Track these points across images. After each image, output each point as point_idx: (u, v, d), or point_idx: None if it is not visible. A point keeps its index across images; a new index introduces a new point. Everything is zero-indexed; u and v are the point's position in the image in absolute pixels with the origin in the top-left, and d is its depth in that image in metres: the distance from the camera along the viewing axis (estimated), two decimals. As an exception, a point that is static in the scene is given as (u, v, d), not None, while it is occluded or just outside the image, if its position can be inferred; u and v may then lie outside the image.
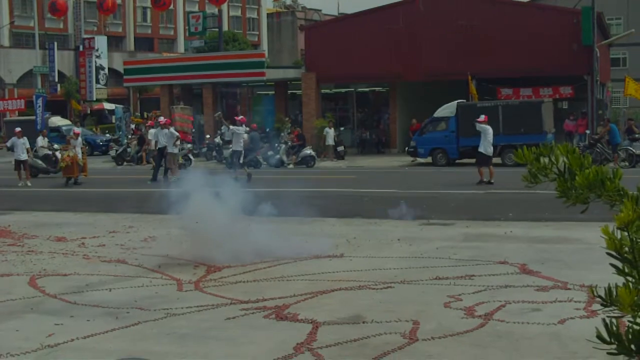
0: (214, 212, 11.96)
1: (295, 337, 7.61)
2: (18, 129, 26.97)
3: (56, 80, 60.11)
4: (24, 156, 26.33)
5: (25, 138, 26.67)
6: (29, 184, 25.96)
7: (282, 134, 36.90)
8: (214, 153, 36.53)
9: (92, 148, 43.28)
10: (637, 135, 30.53)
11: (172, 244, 13.02)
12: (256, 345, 7.44)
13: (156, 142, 27.03)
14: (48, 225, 16.07)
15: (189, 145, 32.09)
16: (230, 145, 27.84)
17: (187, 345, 7.52)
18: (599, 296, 2.40)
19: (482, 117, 24.52)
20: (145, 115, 50.84)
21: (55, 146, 32.67)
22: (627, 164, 28.38)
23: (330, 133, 36.75)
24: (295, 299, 9.22)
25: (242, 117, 28.45)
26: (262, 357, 6.99)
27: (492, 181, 22.83)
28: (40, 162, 30.48)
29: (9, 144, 27.33)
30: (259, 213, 13.66)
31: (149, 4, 65.09)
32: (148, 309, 8.91)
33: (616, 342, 2.39)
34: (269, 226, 13.00)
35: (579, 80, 36.54)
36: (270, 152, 34.21)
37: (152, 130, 30.33)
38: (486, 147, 23.62)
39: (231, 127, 26.88)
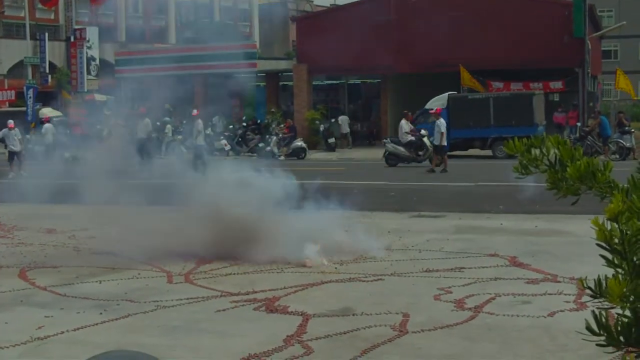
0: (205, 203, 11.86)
1: (285, 329, 7.61)
2: (10, 121, 26.95)
3: (47, 71, 59.83)
4: (17, 147, 26.28)
5: (16, 129, 26.63)
6: (24, 173, 25.85)
7: (273, 126, 36.86)
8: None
9: (84, 140, 43.12)
10: (627, 128, 30.61)
11: (163, 236, 12.96)
12: (246, 337, 7.43)
13: None
14: (38, 217, 15.98)
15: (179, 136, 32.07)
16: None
17: (178, 337, 7.51)
18: (589, 288, 2.40)
19: (435, 109, 26.11)
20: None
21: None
22: (617, 156, 28.45)
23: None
24: (286, 292, 9.21)
25: (195, 110, 28.33)
26: (252, 349, 6.98)
27: (443, 170, 24.76)
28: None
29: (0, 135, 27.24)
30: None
31: (140, -5, 64.84)
32: (138, 301, 8.90)
33: (605, 334, 2.39)
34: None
35: (570, 73, 36.59)
36: (261, 144, 34.20)
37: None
38: (438, 138, 25.51)
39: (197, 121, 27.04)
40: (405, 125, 28.67)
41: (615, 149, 29.29)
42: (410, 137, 28.09)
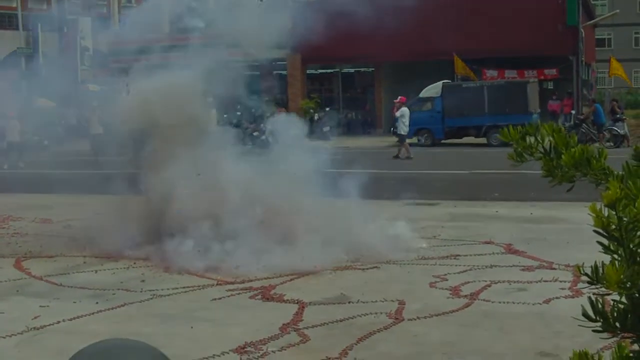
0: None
1: (281, 317, 7.63)
2: (11, 112, 26.89)
3: (41, 61, 59.60)
4: (16, 138, 26.15)
5: (15, 120, 26.52)
6: (22, 165, 25.76)
7: (267, 115, 36.77)
8: None
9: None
10: (618, 116, 30.62)
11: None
12: (242, 325, 7.45)
13: None
14: (34, 207, 15.95)
15: None
16: None
17: (174, 326, 7.52)
18: (586, 274, 2.41)
19: (399, 98, 26.81)
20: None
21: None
22: (612, 144, 28.47)
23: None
24: (282, 280, 9.23)
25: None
26: (249, 337, 7.00)
27: (411, 157, 25.85)
28: None
29: None
30: None
31: (133, -16, 64.54)
32: (134, 291, 8.91)
33: (601, 320, 2.40)
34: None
35: (564, 61, 36.59)
36: (255, 133, 34.20)
37: None
38: (401, 127, 26.79)
39: None
40: None
41: (610, 137, 29.31)
42: None
